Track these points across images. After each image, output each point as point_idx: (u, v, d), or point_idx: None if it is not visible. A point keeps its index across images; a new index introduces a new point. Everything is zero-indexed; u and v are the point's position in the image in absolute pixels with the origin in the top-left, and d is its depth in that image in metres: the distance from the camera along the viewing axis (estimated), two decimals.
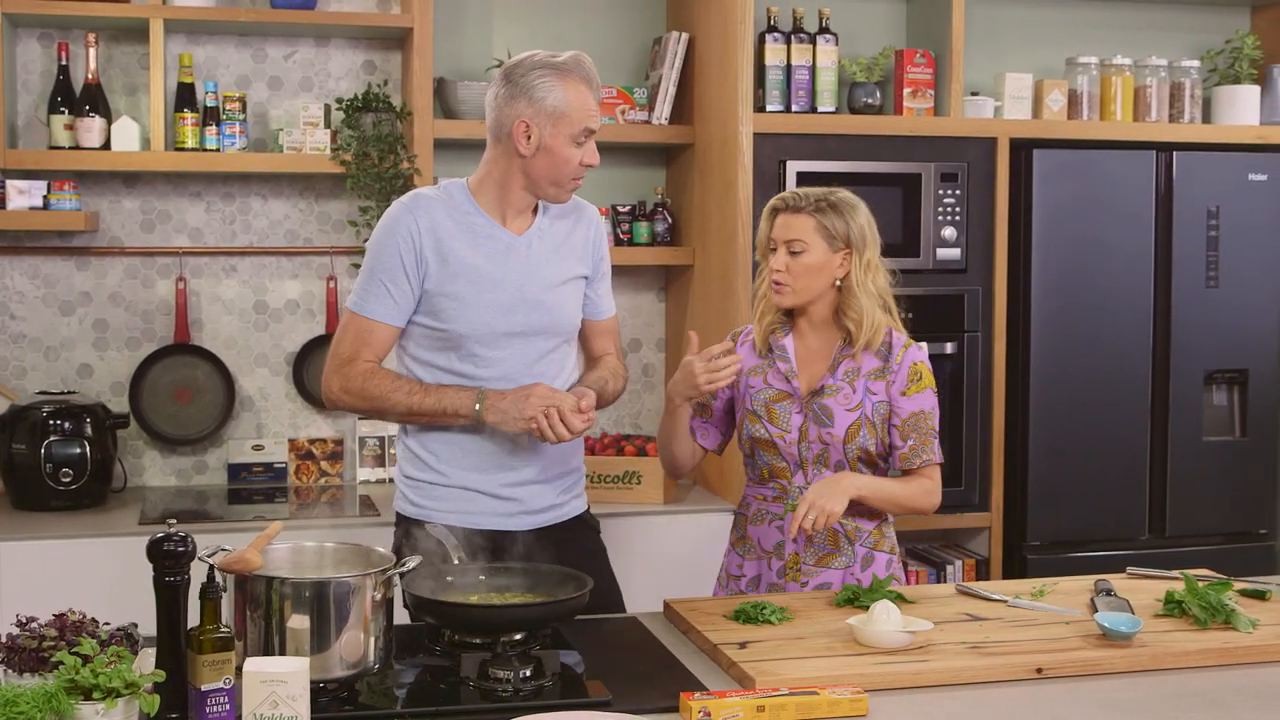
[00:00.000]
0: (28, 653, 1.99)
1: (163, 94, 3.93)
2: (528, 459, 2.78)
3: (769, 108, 4.22)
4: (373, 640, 2.15)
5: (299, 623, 2.09)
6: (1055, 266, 4.30)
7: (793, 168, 4.09)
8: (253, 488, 4.16)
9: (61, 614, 2.06)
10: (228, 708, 1.95)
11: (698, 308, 4.29)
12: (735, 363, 2.76)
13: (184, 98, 4.02)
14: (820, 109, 4.26)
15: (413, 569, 2.30)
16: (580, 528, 2.92)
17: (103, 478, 3.89)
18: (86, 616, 2.07)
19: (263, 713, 1.90)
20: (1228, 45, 4.74)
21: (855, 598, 2.65)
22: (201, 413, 4.18)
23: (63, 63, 3.98)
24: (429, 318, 2.74)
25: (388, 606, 2.20)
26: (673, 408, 2.89)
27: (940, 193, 4.22)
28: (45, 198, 3.85)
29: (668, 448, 2.97)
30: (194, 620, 2.00)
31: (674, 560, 3.84)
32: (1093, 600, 2.65)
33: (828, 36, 4.29)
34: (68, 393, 3.97)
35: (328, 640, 2.10)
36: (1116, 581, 2.83)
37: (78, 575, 3.51)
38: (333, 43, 4.27)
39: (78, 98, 3.96)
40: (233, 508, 3.95)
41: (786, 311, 2.90)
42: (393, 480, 4.15)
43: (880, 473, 2.89)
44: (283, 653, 2.08)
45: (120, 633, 2.14)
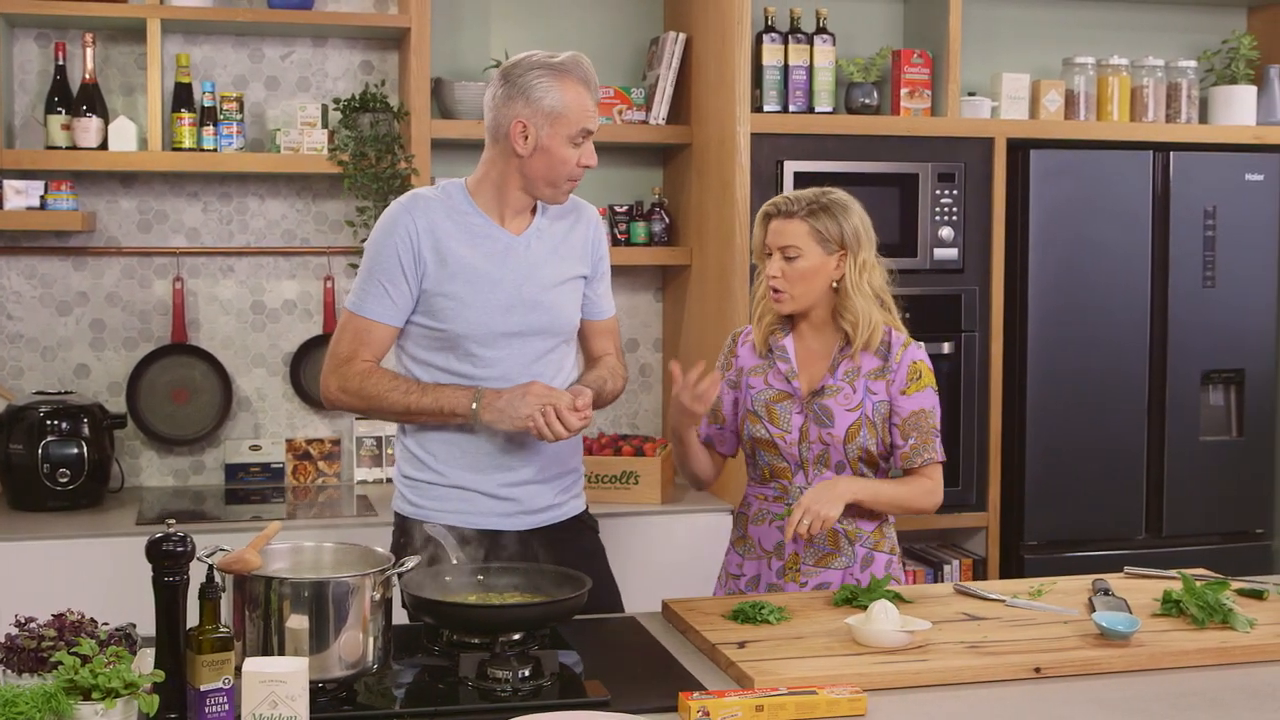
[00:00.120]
0: (27, 653, 1.98)
1: (160, 94, 3.93)
2: (526, 459, 2.78)
3: (766, 108, 4.22)
4: (371, 640, 2.15)
5: (298, 623, 2.09)
6: (1052, 266, 4.30)
7: (790, 168, 4.09)
8: (250, 488, 4.16)
9: (60, 614, 2.05)
10: (227, 708, 1.95)
11: (695, 308, 4.29)
12: (715, 381, 2.78)
13: (181, 98, 4.02)
14: (817, 109, 4.27)
15: (411, 569, 2.31)
16: (578, 528, 2.92)
17: (100, 478, 3.89)
18: (85, 617, 2.07)
19: (262, 713, 1.90)
20: (1224, 45, 4.75)
21: (853, 597, 2.65)
22: (199, 413, 4.18)
23: (60, 63, 3.98)
24: (427, 318, 2.74)
25: (386, 606, 2.20)
26: (678, 437, 2.91)
27: (937, 193, 4.22)
28: (42, 198, 3.84)
29: (687, 468, 2.99)
30: (193, 620, 2.00)
31: (671, 560, 3.84)
32: (1090, 600, 2.65)
33: (825, 37, 4.29)
34: (65, 393, 3.97)
35: (326, 640, 2.10)
36: (1114, 581, 2.84)
37: (74, 575, 3.50)
38: (330, 43, 4.27)
39: (75, 98, 3.95)
40: (230, 508, 3.95)
41: (786, 314, 2.90)
42: (390, 480, 4.16)
43: (882, 473, 2.89)
44: (282, 653, 2.08)
45: (119, 633, 2.14)
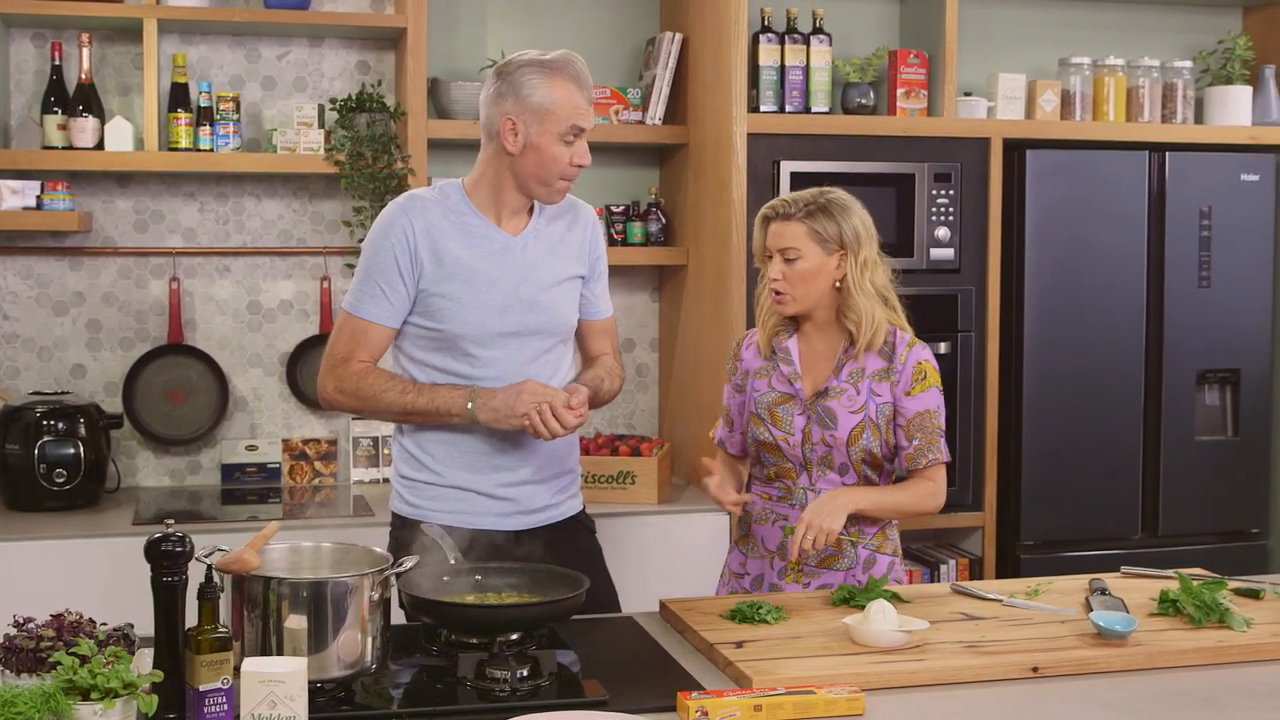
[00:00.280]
0: (25, 653, 1.98)
1: (156, 94, 3.93)
2: (523, 459, 2.78)
3: (763, 108, 4.22)
4: (370, 640, 2.15)
5: (296, 623, 2.09)
6: (1048, 266, 4.31)
7: (787, 168, 4.09)
8: (246, 488, 4.16)
9: (59, 614, 2.05)
10: (226, 708, 1.95)
11: (691, 308, 4.29)
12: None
13: (178, 98, 4.01)
14: (814, 109, 4.27)
15: (409, 569, 2.31)
16: (576, 528, 2.92)
17: (96, 478, 3.88)
18: (84, 617, 2.06)
19: (261, 713, 1.91)
20: (1220, 46, 4.75)
21: (851, 597, 2.65)
22: (195, 413, 4.18)
23: (56, 63, 3.98)
24: (424, 318, 2.74)
25: (385, 606, 2.20)
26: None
27: (934, 193, 4.22)
28: (39, 198, 3.84)
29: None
30: (192, 620, 2.00)
31: (668, 560, 3.84)
32: (1088, 599, 2.66)
33: (821, 37, 4.29)
34: (61, 393, 3.96)
35: (325, 640, 2.10)
36: (1111, 581, 2.84)
37: (71, 576, 3.50)
38: (326, 43, 4.27)
39: (71, 98, 3.95)
40: (226, 508, 3.95)
41: (790, 315, 2.91)
42: (386, 480, 4.16)
43: (885, 474, 2.89)
44: (280, 653, 2.08)
45: (117, 633, 2.13)
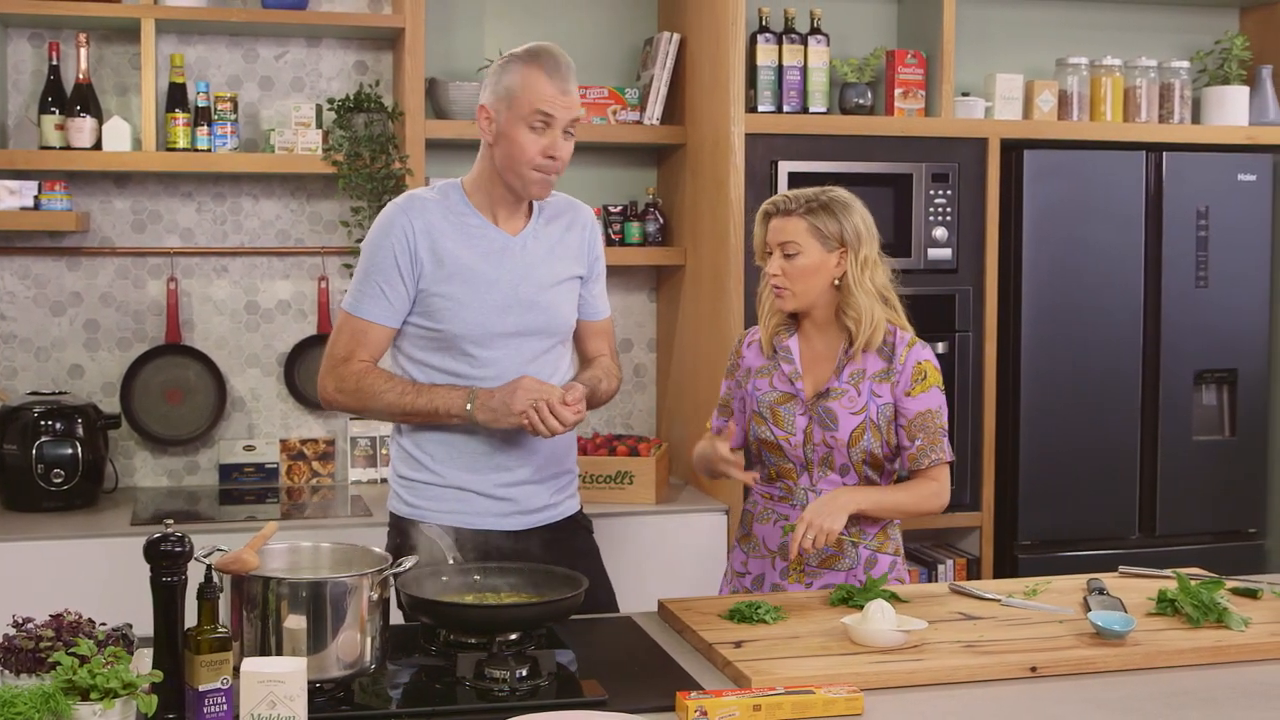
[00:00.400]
0: (25, 653, 1.98)
1: (154, 94, 3.92)
2: (522, 459, 2.79)
3: (760, 108, 4.22)
4: (369, 640, 2.15)
5: (296, 623, 2.09)
6: (1046, 266, 4.31)
7: (784, 168, 4.09)
8: (244, 488, 4.16)
9: (58, 614, 2.05)
10: (225, 708, 1.95)
11: (689, 308, 4.29)
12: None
13: (175, 98, 4.01)
14: (812, 109, 4.27)
15: (408, 569, 2.31)
16: (574, 528, 2.92)
17: (94, 478, 3.88)
18: (83, 617, 2.06)
19: (260, 713, 1.90)
20: (1217, 46, 4.76)
21: (850, 597, 2.65)
22: (193, 413, 4.18)
23: (54, 63, 3.97)
24: (424, 318, 2.74)
25: (384, 607, 2.20)
26: (710, 471, 2.92)
27: (931, 193, 4.23)
28: (36, 198, 3.83)
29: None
30: (191, 620, 2.00)
31: (666, 560, 3.85)
32: (1086, 599, 2.66)
33: (819, 37, 4.29)
34: (59, 393, 3.96)
35: (324, 640, 2.10)
36: (1109, 580, 2.84)
37: (69, 576, 3.50)
38: (324, 43, 4.27)
39: (69, 98, 3.95)
40: (224, 508, 3.95)
41: (791, 314, 2.91)
42: (384, 480, 4.16)
43: (887, 474, 2.89)
44: (280, 653, 2.08)
45: (116, 633, 2.13)
